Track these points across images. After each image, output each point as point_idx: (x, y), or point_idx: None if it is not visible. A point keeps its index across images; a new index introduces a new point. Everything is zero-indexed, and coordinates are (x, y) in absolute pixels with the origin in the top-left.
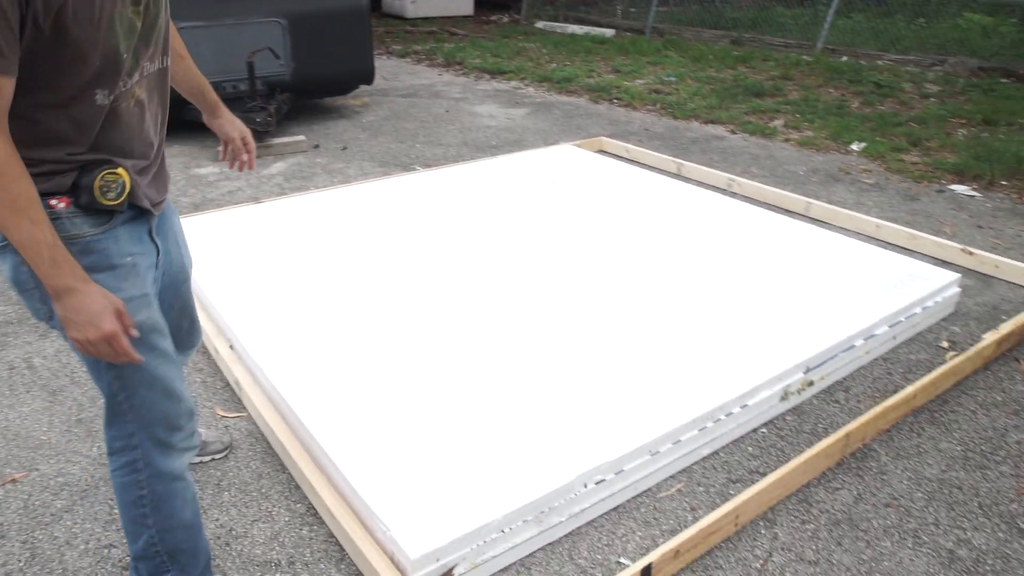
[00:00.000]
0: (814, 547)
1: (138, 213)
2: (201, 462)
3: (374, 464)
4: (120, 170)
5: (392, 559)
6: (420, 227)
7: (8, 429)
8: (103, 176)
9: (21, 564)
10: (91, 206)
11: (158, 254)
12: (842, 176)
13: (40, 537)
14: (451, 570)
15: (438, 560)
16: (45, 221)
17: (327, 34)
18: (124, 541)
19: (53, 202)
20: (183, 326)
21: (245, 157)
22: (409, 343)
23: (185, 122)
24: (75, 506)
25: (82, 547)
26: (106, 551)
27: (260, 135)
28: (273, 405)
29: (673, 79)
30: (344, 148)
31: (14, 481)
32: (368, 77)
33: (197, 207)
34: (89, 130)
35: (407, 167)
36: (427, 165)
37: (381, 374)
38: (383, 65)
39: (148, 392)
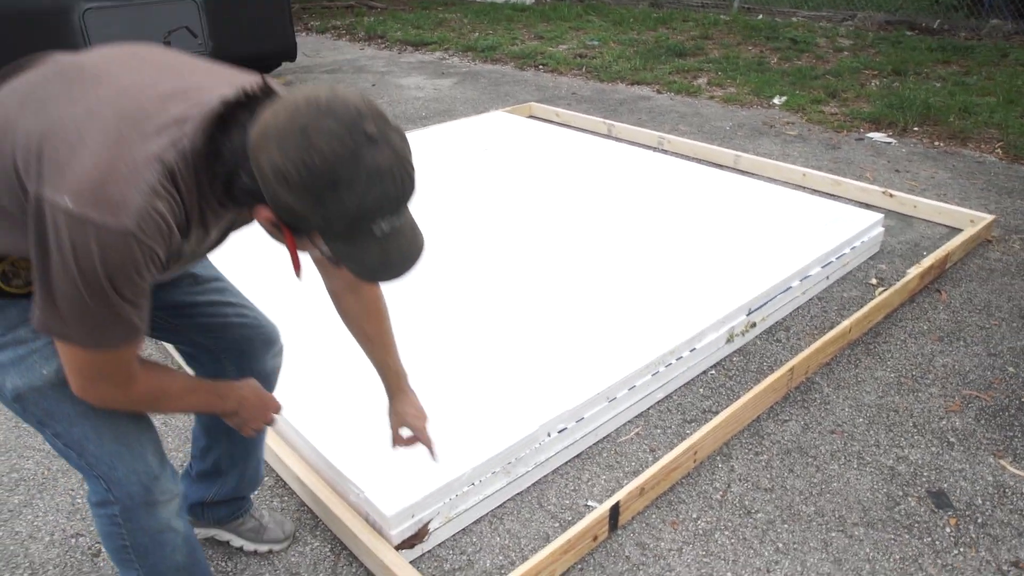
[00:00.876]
0: (768, 475)
1: None
2: (256, 552)
3: (340, 429)
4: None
5: (367, 519)
6: None
7: None
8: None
9: None
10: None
11: None
12: (767, 129)
13: (2, 534)
14: (426, 525)
15: (413, 516)
16: (193, 383)
17: (245, 11)
18: (92, 529)
19: None
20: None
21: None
22: None
23: None
24: (34, 500)
25: (47, 539)
26: (73, 540)
27: None
28: None
29: (596, 43)
30: None
31: None
32: (290, 54)
33: None
34: None
35: None
36: None
37: (338, 341)
38: (303, 42)
39: (97, 447)
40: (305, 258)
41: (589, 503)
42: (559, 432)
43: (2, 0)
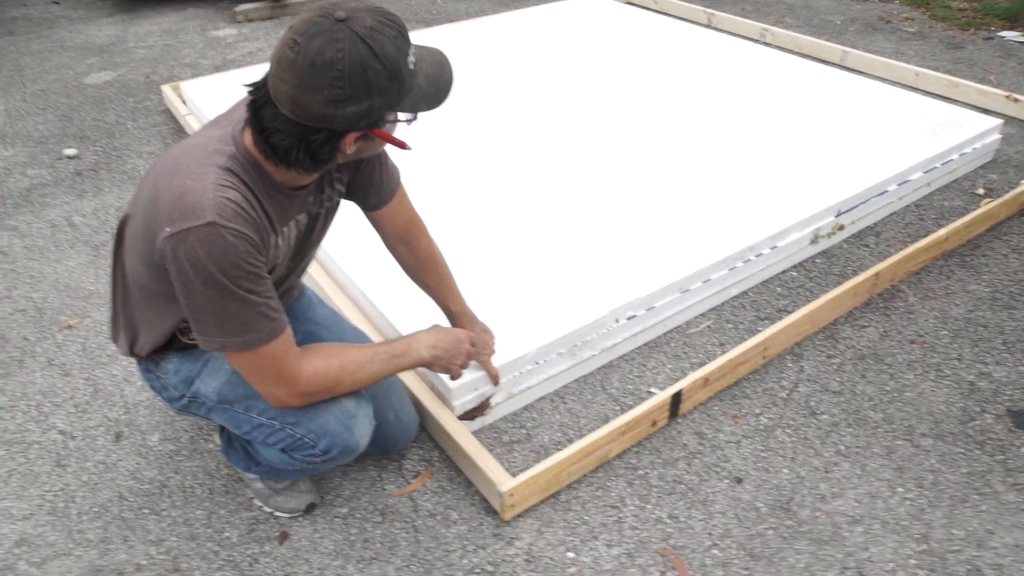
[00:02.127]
0: (839, 379)
1: None
2: (262, 510)
3: (411, 300)
4: None
5: (432, 388)
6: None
7: (59, 281)
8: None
9: (87, 397)
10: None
11: None
12: (882, 25)
13: (100, 375)
14: (488, 399)
15: (476, 389)
16: (366, 353)
17: None
18: None
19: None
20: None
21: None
22: (443, 188)
23: None
24: None
25: (139, 383)
26: None
27: None
28: None
29: None
30: None
31: (70, 327)
32: None
33: (217, 68)
34: None
35: (429, 23)
36: (450, 20)
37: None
38: None
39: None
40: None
41: (652, 390)
42: (628, 319)
43: None
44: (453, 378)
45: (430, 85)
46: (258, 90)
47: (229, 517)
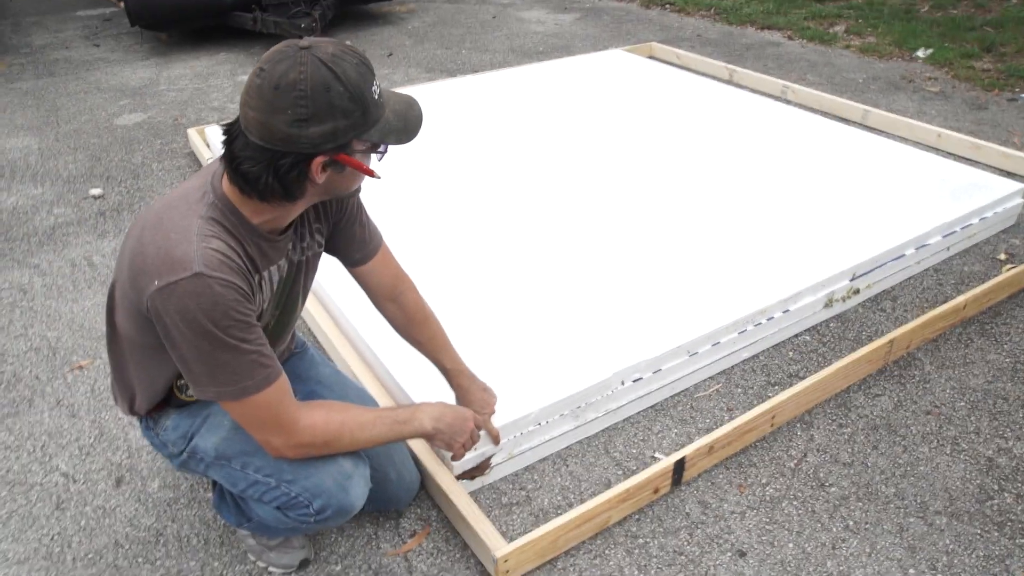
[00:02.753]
0: (850, 449)
1: None
2: (256, 564)
3: (413, 355)
4: None
5: (431, 446)
6: (466, 131)
7: (74, 321)
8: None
9: (92, 440)
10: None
11: None
12: (904, 84)
13: (107, 418)
14: (488, 459)
15: (476, 449)
16: (370, 414)
17: None
18: None
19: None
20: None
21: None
22: (451, 241)
23: (231, 29)
24: None
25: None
26: None
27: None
28: (316, 298)
29: None
30: (390, 55)
31: (81, 368)
32: None
33: None
34: None
35: (453, 73)
36: (474, 71)
37: (421, 273)
38: None
39: (291, 464)
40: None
41: (656, 455)
42: (634, 381)
43: None
44: (454, 458)
45: (398, 119)
46: (231, 126)
47: (223, 570)
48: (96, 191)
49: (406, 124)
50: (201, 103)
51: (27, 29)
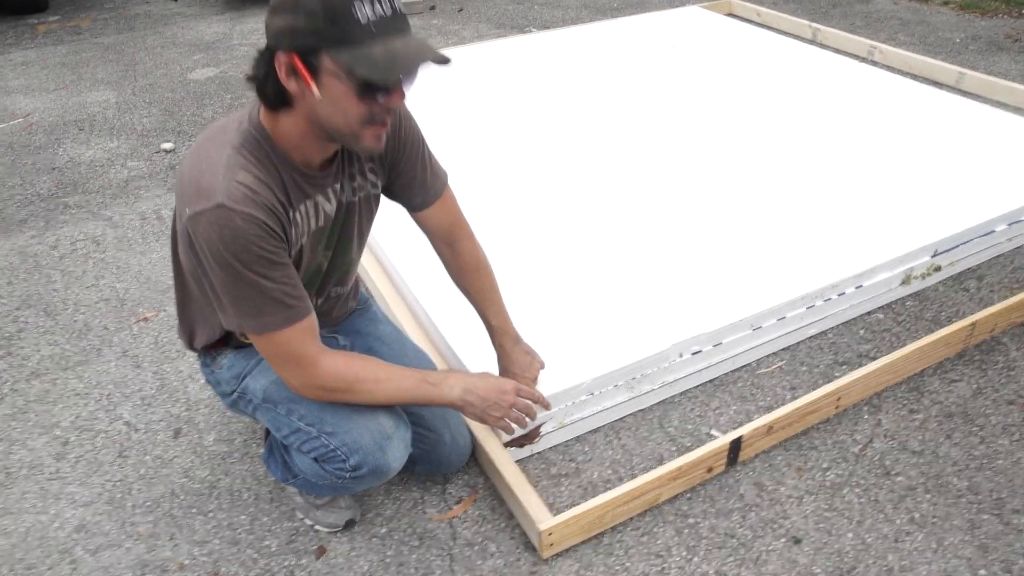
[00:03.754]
0: (920, 437)
1: None
2: (304, 521)
3: (466, 319)
4: None
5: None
6: (535, 91)
7: (141, 273)
8: None
9: (153, 391)
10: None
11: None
12: (1008, 44)
13: (168, 370)
14: (538, 427)
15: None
16: (399, 370)
17: None
18: None
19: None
20: None
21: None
22: (514, 205)
23: None
24: None
25: (201, 381)
26: None
27: None
28: (375, 258)
29: None
30: (460, 10)
31: (146, 319)
32: None
33: None
34: None
35: (524, 29)
36: (544, 27)
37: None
38: None
39: (333, 416)
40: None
41: (712, 432)
42: (692, 354)
43: None
44: (502, 429)
45: (385, 56)
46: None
47: (271, 525)
48: (167, 145)
49: (391, 64)
50: None
51: None
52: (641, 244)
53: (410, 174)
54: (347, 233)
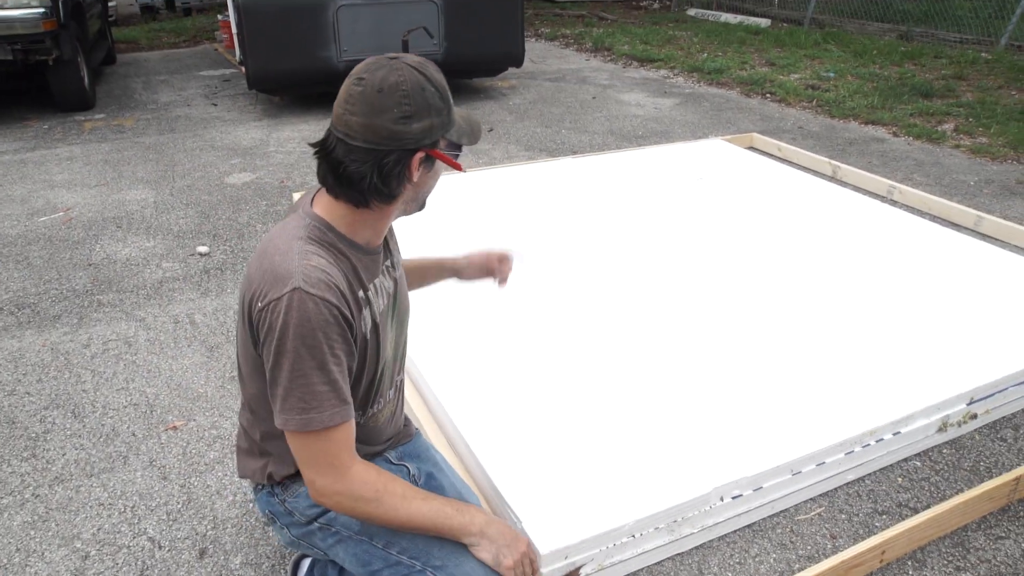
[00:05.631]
0: None
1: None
2: None
3: (510, 456)
4: None
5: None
6: (563, 216)
7: (171, 379)
8: None
9: (180, 506)
10: None
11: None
12: (1021, 190)
13: (195, 484)
14: (578, 569)
15: (566, 558)
16: (425, 492)
17: (480, 15)
18: None
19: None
20: None
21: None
22: (550, 340)
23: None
24: (225, 459)
25: (230, 498)
26: (251, 506)
27: None
28: (412, 383)
29: (832, 75)
30: (491, 130)
31: (175, 428)
32: (518, 60)
33: None
34: None
35: (552, 152)
36: (573, 151)
37: (521, 369)
38: (531, 48)
39: (440, 549)
40: None
41: None
42: (733, 498)
43: None
44: (504, 572)
45: (465, 122)
46: (324, 139)
47: None
48: (203, 248)
49: (471, 127)
50: (306, 167)
51: (156, 87)
52: (682, 384)
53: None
54: (404, 306)
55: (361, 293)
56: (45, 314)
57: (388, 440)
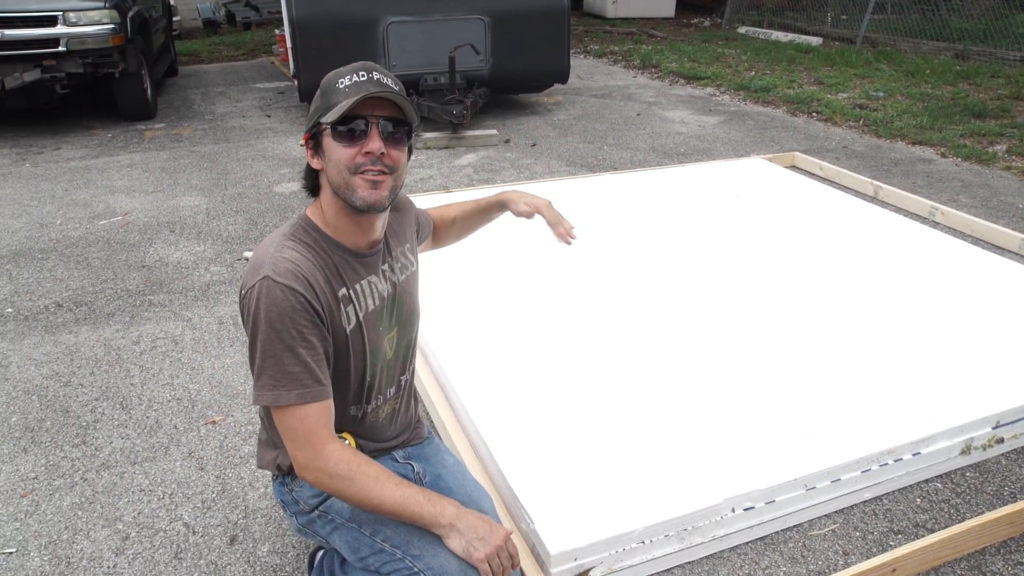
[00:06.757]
0: None
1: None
2: None
3: (528, 458)
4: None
5: (532, 551)
6: (601, 232)
7: (214, 376)
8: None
9: (214, 495)
10: None
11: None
12: None
13: (230, 475)
14: (588, 571)
15: (576, 560)
16: (403, 481)
17: (526, 32)
18: None
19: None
20: None
21: (561, 230)
22: (576, 347)
23: None
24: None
25: (261, 490)
26: None
27: (455, 127)
28: (439, 386)
29: (881, 94)
30: (534, 145)
31: (214, 423)
32: (563, 76)
33: None
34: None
35: (593, 168)
36: (614, 168)
37: (545, 375)
38: (579, 64)
39: (420, 539)
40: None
41: None
42: (745, 510)
43: (325, 14)
44: (476, 564)
45: (345, 100)
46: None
47: None
48: (249, 254)
49: (346, 102)
50: None
51: (213, 98)
52: (700, 393)
53: (426, 230)
54: (407, 309)
55: (343, 291)
56: (100, 312)
57: (393, 439)
